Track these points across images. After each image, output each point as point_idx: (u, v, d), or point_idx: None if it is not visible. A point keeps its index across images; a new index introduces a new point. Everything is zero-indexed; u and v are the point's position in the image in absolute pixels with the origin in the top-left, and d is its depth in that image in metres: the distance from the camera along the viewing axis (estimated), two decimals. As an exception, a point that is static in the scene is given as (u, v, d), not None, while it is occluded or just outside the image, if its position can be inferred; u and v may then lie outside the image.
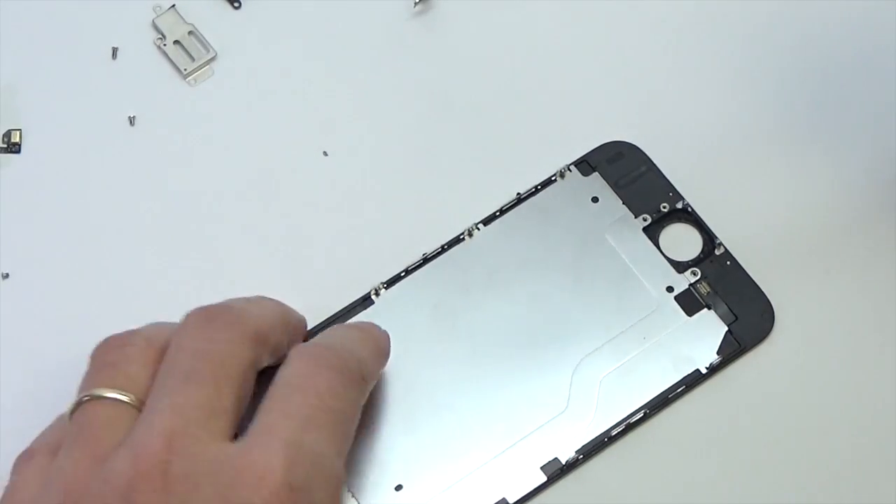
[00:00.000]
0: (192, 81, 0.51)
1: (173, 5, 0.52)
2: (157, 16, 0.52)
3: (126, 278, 0.47)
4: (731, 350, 0.45)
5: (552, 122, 0.50)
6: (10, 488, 0.40)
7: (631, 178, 0.48)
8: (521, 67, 0.51)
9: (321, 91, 0.51)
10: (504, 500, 0.43)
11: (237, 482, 0.36)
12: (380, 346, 0.43)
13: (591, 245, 0.47)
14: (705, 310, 0.46)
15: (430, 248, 0.47)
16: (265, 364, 0.40)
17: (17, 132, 0.49)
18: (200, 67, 0.51)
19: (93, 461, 0.38)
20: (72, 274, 0.47)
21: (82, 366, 0.45)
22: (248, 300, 0.42)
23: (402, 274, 0.47)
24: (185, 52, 0.51)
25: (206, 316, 0.40)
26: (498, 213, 0.48)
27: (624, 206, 0.47)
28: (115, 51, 0.51)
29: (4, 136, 0.49)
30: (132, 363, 0.40)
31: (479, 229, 0.47)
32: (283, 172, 0.49)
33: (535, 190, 0.48)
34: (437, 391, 0.45)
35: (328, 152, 0.50)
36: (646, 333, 0.45)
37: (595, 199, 0.48)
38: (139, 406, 0.39)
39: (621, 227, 0.47)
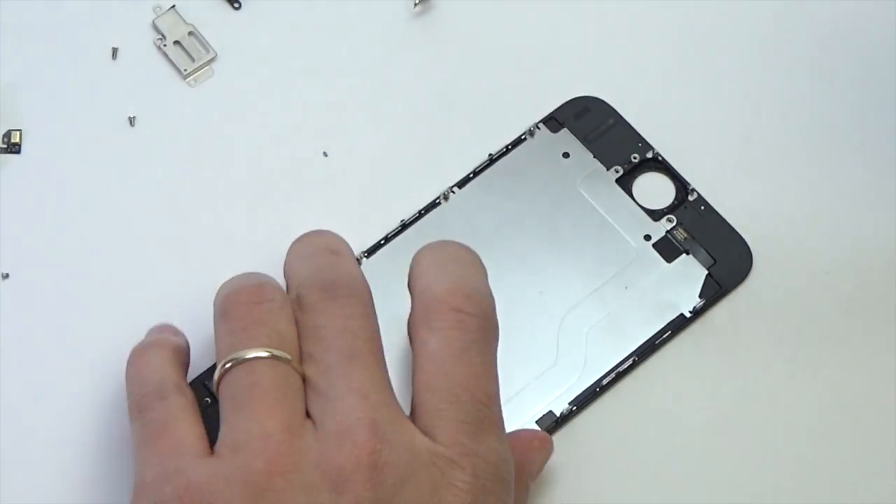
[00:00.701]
0: (192, 82, 0.51)
1: (173, 6, 0.52)
2: (157, 16, 0.52)
3: (126, 278, 0.47)
4: (713, 293, 0.46)
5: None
6: (161, 424, 0.39)
7: (599, 131, 0.49)
8: (518, 63, 0.51)
9: (321, 91, 0.51)
10: None
11: (442, 482, 0.36)
12: (484, 267, 0.42)
13: (566, 200, 0.47)
14: (684, 255, 0.46)
15: (408, 214, 0.48)
16: None
17: (17, 132, 0.49)
18: (200, 68, 0.51)
19: (284, 428, 0.37)
20: (72, 274, 0.47)
21: (82, 366, 0.45)
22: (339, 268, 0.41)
23: (382, 242, 0.47)
24: (185, 53, 0.51)
25: (323, 293, 0.39)
26: (472, 176, 0.48)
27: (595, 159, 0.48)
28: (115, 51, 0.51)
29: (4, 136, 0.49)
30: (279, 320, 0.39)
31: (454, 192, 0.48)
32: (282, 172, 0.49)
33: (507, 150, 0.49)
34: None
35: (328, 152, 0.50)
36: (627, 283, 0.46)
37: (566, 155, 0.48)
38: (299, 368, 0.38)
39: (594, 180, 0.48)
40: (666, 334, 0.45)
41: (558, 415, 0.44)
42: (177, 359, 0.41)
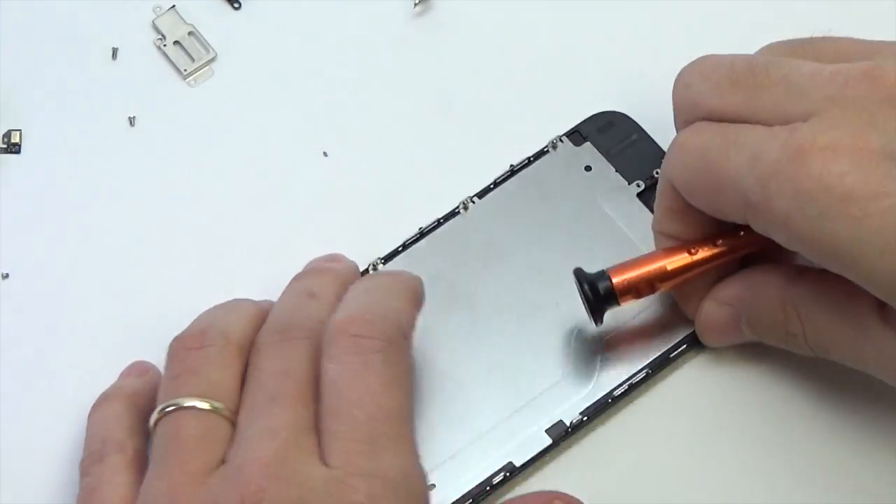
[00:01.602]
0: (192, 82, 0.51)
1: (173, 6, 0.52)
2: (157, 16, 0.52)
3: (126, 278, 0.47)
4: None
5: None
6: (90, 490, 0.40)
7: (623, 146, 0.48)
8: (518, 63, 0.51)
9: (321, 91, 0.51)
10: (511, 463, 0.43)
11: None
12: (415, 291, 0.43)
13: (586, 213, 0.47)
14: None
15: (426, 222, 0.47)
16: None
17: (17, 132, 0.49)
18: (200, 68, 0.51)
19: (190, 481, 0.37)
20: (72, 274, 0.47)
21: (82, 366, 0.45)
22: (314, 295, 0.42)
23: (400, 249, 0.47)
24: (185, 53, 0.51)
25: (278, 336, 0.40)
26: (492, 186, 0.48)
27: (617, 173, 0.48)
28: (115, 51, 0.51)
29: (4, 136, 0.49)
30: (213, 367, 0.40)
31: (473, 202, 0.48)
32: (282, 172, 0.49)
33: (529, 161, 0.48)
34: (438, 361, 0.44)
35: (328, 152, 0.50)
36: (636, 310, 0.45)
37: (588, 168, 0.48)
38: (230, 414, 0.39)
39: (615, 194, 0.47)
40: (682, 348, 0.45)
41: (568, 424, 0.43)
42: (130, 408, 0.42)
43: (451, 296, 0.46)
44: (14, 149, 0.49)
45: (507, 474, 0.43)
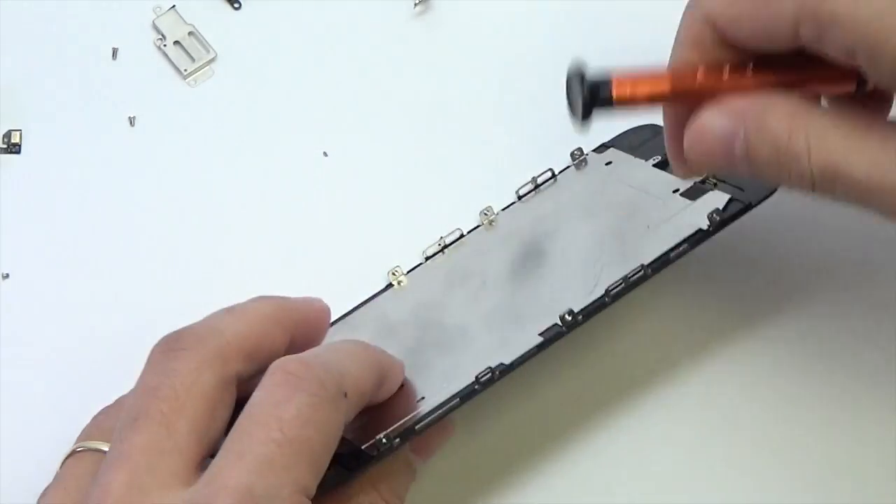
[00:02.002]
0: (192, 82, 0.51)
1: (173, 6, 0.52)
2: (158, 16, 0.52)
3: (126, 278, 0.47)
4: (737, 209, 0.43)
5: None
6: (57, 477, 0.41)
7: (647, 146, 0.48)
8: (518, 63, 0.51)
9: (321, 91, 0.51)
10: (501, 363, 0.41)
11: None
12: (380, 366, 0.41)
13: (603, 191, 0.47)
14: (710, 191, 0.44)
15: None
16: (252, 372, 0.39)
17: (17, 132, 0.49)
18: (200, 68, 0.51)
19: None
20: (72, 274, 0.47)
21: (81, 366, 0.45)
22: (230, 309, 0.41)
23: (423, 262, 0.47)
24: (186, 53, 0.51)
25: (163, 347, 0.39)
26: (516, 200, 0.48)
27: (638, 158, 0.47)
28: (115, 51, 0.51)
29: (4, 136, 0.49)
30: (114, 409, 0.41)
31: (497, 215, 0.48)
32: (282, 172, 0.49)
33: (552, 175, 0.49)
34: (444, 317, 0.45)
35: (328, 152, 0.50)
36: (650, 222, 0.44)
37: (608, 163, 0.48)
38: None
39: (631, 168, 0.47)
40: (682, 247, 0.43)
41: (562, 323, 0.42)
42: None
43: (479, 295, 0.45)
44: (14, 149, 0.49)
45: (497, 373, 0.41)
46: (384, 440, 0.39)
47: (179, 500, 0.36)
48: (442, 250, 0.47)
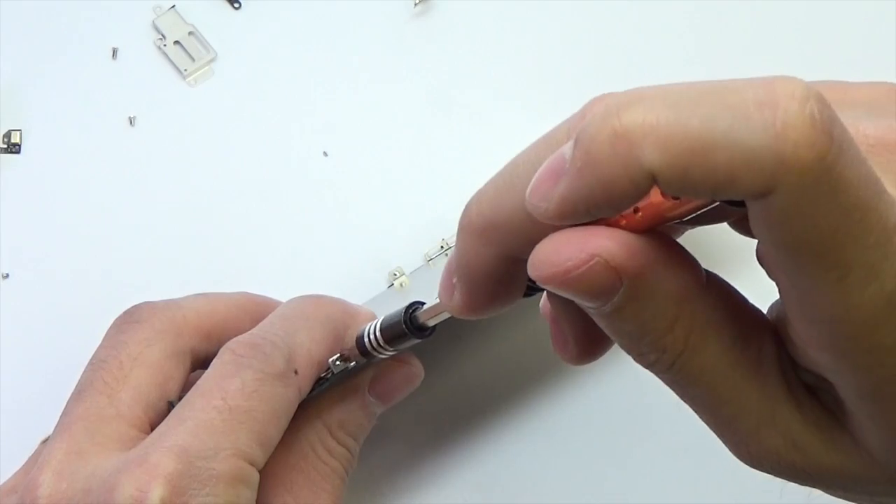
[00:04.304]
0: (192, 82, 0.51)
1: (173, 6, 0.52)
2: (158, 16, 0.52)
3: (126, 278, 0.47)
4: None
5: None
6: None
7: None
8: (518, 63, 0.51)
9: (321, 91, 0.51)
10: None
11: (111, 493, 0.36)
12: (335, 323, 0.41)
13: None
14: None
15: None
16: (212, 352, 0.40)
17: (17, 132, 0.49)
18: (200, 68, 0.51)
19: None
20: (72, 274, 0.47)
21: (81, 365, 0.45)
22: (204, 293, 0.42)
23: (425, 263, 0.47)
24: (186, 53, 0.51)
25: (118, 321, 0.41)
26: None
27: None
28: (115, 51, 0.51)
29: (4, 136, 0.49)
30: None
31: None
32: (283, 172, 0.49)
33: None
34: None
35: (328, 152, 0.50)
36: None
37: None
38: None
39: None
40: None
41: None
42: None
43: None
44: (14, 149, 0.49)
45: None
46: (337, 362, 0.40)
47: (116, 460, 0.37)
48: (444, 252, 0.47)
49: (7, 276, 0.47)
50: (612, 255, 0.27)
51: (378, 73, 0.51)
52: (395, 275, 0.47)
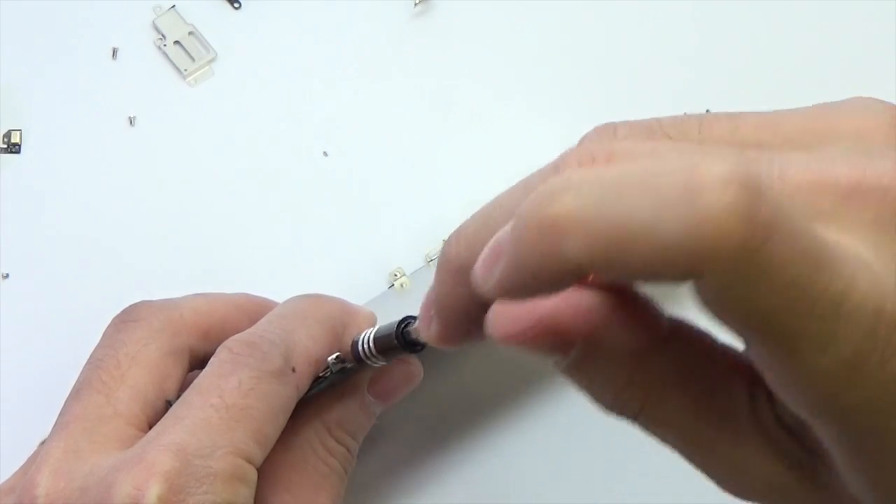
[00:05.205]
0: (192, 82, 0.51)
1: (173, 6, 0.52)
2: (158, 16, 0.52)
3: (126, 278, 0.47)
4: None
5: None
6: None
7: None
8: (518, 63, 0.51)
9: (321, 91, 0.51)
10: None
11: (108, 491, 0.36)
12: (334, 322, 0.41)
13: None
14: None
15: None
16: (210, 350, 0.40)
17: (17, 132, 0.49)
18: (200, 68, 0.51)
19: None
20: (72, 274, 0.47)
21: (81, 366, 0.45)
22: (203, 293, 0.43)
23: (426, 264, 0.47)
24: (186, 53, 0.51)
25: (116, 320, 0.41)
26: None
27: None
28: (115, 51, 0.51)
29: (4, 136, 0.49)
30: None
31: None
32: (282, 172, 0.49)
33: None
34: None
35: (328, 152, 0.50)
36: None
37: None
38: None
39: None
40: None
41: None
42: None
43: None
44: (14, 149, 0.49)
45: None
46: (335, 361, 0.40)
47: (114, 459, 0.37)
48: None
49: (7, 276, 0.47)
50: (560, 317, 0.27)
51: (378, 73, 0.51)
52: (396, 275, 0.47)
